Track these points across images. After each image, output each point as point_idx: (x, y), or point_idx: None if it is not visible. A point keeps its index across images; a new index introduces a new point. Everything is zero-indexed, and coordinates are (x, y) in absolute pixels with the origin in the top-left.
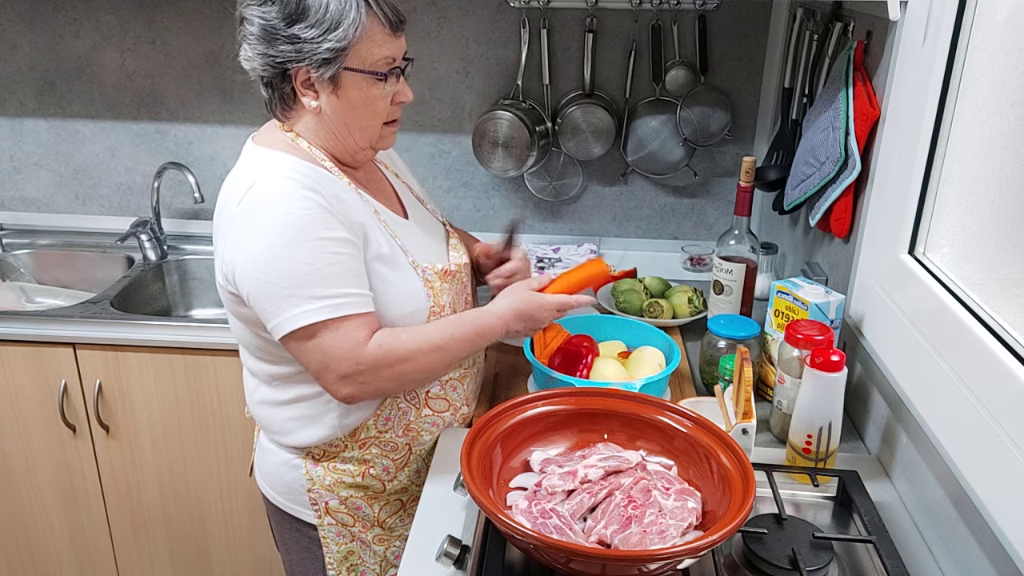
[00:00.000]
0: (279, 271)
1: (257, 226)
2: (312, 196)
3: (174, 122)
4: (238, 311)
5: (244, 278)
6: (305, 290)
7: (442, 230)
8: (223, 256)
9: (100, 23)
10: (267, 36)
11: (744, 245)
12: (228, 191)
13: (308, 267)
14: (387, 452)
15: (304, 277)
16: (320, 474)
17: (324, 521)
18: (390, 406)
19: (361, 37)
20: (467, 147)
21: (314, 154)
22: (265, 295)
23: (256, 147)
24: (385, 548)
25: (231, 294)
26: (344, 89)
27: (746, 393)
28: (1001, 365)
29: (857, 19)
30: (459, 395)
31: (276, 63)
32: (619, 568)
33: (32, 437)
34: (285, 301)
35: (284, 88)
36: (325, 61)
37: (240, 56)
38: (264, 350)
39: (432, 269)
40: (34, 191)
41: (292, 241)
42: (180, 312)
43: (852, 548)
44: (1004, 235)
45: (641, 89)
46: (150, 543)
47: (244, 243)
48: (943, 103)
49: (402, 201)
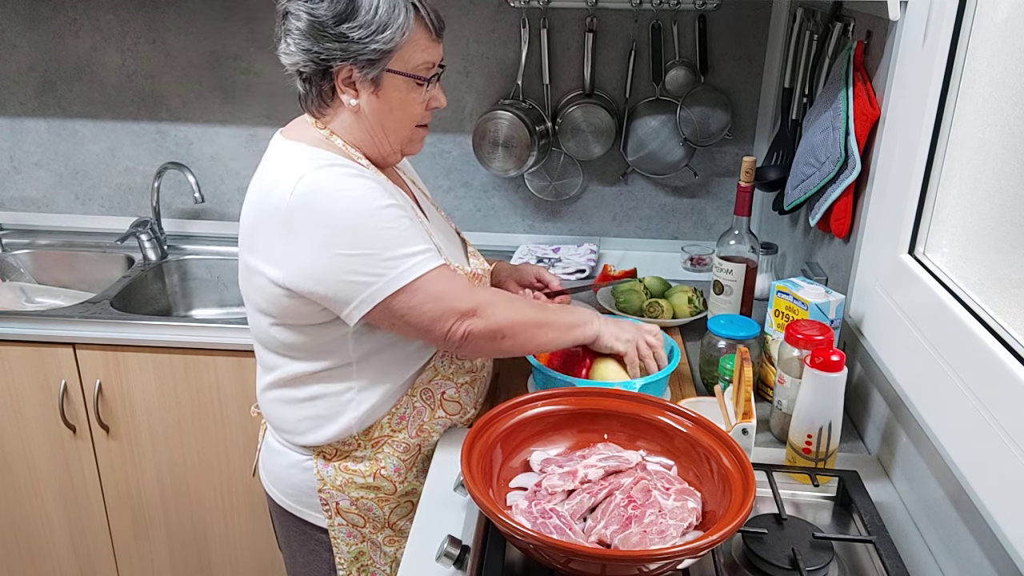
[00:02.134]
0: (366, 242)
1: (321, 214)
2: (363, 179)
3: (174, 122)
4: (291, 308)
5: (316, 267)
6: (399, 249)
7: (458, 238)
8: (279, 253)
9: (100, 23)
10: (314, 32)
11: (744, 245)
12: (267, 187)
13: (392, 230)
14: (398, 452)
15: (393, 239)
16: (331, 474)
17: (335, 522)
18: (405, 404)
19: (407, 41)
20: (467, 147)
21: (350, 152)
22: (350, 272)
23: (288, 142)
24: (396, 549)
25: (285, 292)
26: (384, 90)
27: (746, 393)
28: (1001, 365)
29: (857, 19)
30: (470, 398)
31: (320, 59)
32: (619, 568)
33: (32, 437)
34: (381, 265)
35: (323, 85)
36: (370, 62)
37: (280, 49)
38: (299, 347)
39: (462, 270)
40: (34, 191)
41: (366, 213)
42: (180, 312)
43: (852, 548)
44: (1004, 235)
45: (641, 89)
46: (150, 543)
47: (310, 233)
48: (943, 103)
49: (420, 206)
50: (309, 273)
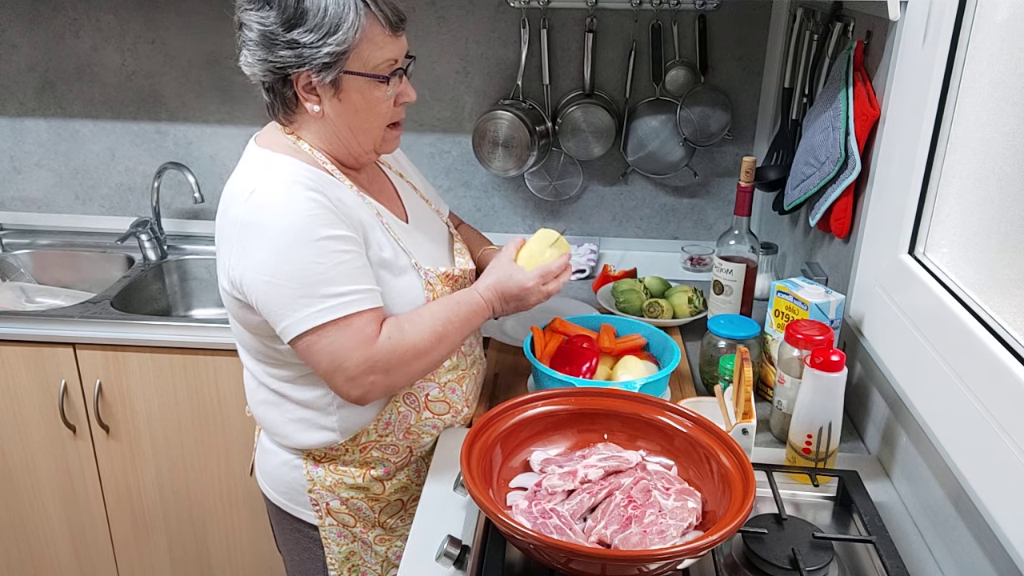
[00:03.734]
0: (287, 273)
1: (262, 232)
2: (314, 196)
3: (174, 122)
4: (243, 316)
5: (252, 284)
6: (314, 290)
7: (446, 233)
8: (229, 262)
9: (100, 23)
10: (266, 42)
11: (744, 245)
12: (230, 194)
13: (317, 266)
14: (388, 455)
15: (313, 277)
16: (321, 475)
17: (325, 522)
18: (390, 411)
19: (361, 40)
20: (467, 147)
21: (316, 157)
22: (274, 298)
23: (258, 149)
24: (387, 548)
25: (236, 300)
26: (346, 92)
27: (746, 393)
28: (1001, 365)
29: (857, 19)
30: (458, 396)
31: (277, 68)
32: (619, 568)
33: (32, 437)
34: (295, 303)
35: (286, 93)
36: (326, 65)
37: (240, 61)
38: (265, 354)
39: (434, 272)
40: (34, 191)
41: (297, 243)
42: (180, 312)
43: (852, 548)
44: (1004, 235)
45: (641, 89)
46: (150, 543)
47: (250, 249)
48: (943, 103)
49: (404, 203)
50: (248, 286)
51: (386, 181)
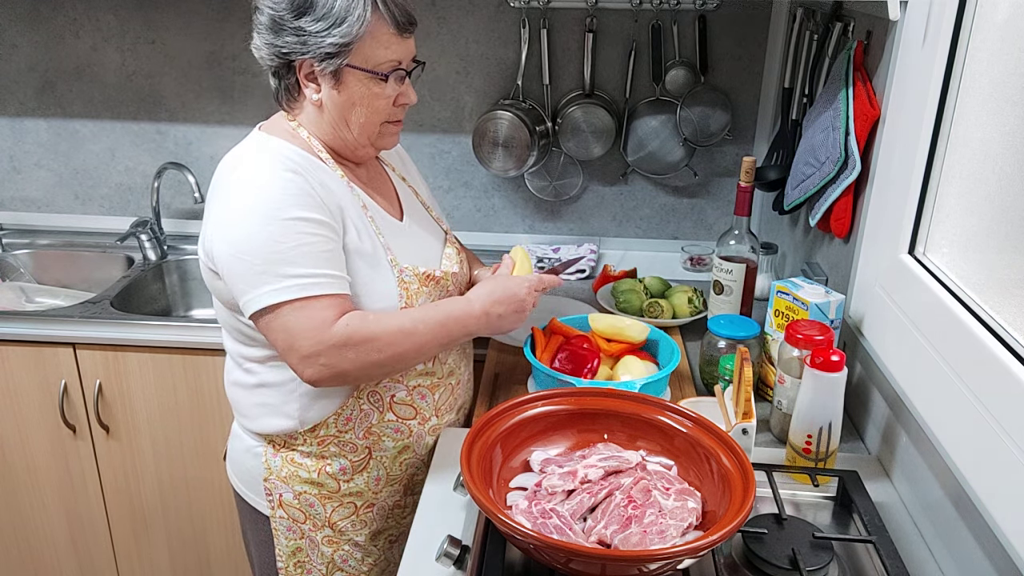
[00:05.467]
0: (251, 248)
1: (235, 203)
2: (293, 178)
3: (174, 122)
4: (217, 288)
5: (220, 255)
6: (275, 268)
7: (441, 236)
8: (204, 232)
9: (100, 23)
10: (275, 27)
11: (744, 245)
12: (219, 169)
13: (279, 245)
14: (345, 452)
15: (274, 255)
16: (277, 465)
17: (276, 514)
18: (352, 406)
19: (365, 35)
20: (467, 147)
21: (312, 144)
22: (237, 271)
23: (258, 132)
24: (333, 551)
25: (211, 270)
26: (345, 85)
27: (746, 393)
28: (1001, 365)
29: (857, 19)
30: (428, 404)
31: (282, 54)
32: (619, 568)
33: (32, 437)
34: (256, 278)
35: (289, 79)
36: (328, 55)
37: (251, 45)
38: (238, 330)
39: (413, 271)
40: (34, 191)
41: (265, 219)
42: (180, 312)
43: (852, 548)
44: (1004, 235)
45: (641, 89)
46: (150, 543)
47: (222, 219)
48: (943, 103)
49: (402, 204)
50: (217, 256)
51: (387, 180)
